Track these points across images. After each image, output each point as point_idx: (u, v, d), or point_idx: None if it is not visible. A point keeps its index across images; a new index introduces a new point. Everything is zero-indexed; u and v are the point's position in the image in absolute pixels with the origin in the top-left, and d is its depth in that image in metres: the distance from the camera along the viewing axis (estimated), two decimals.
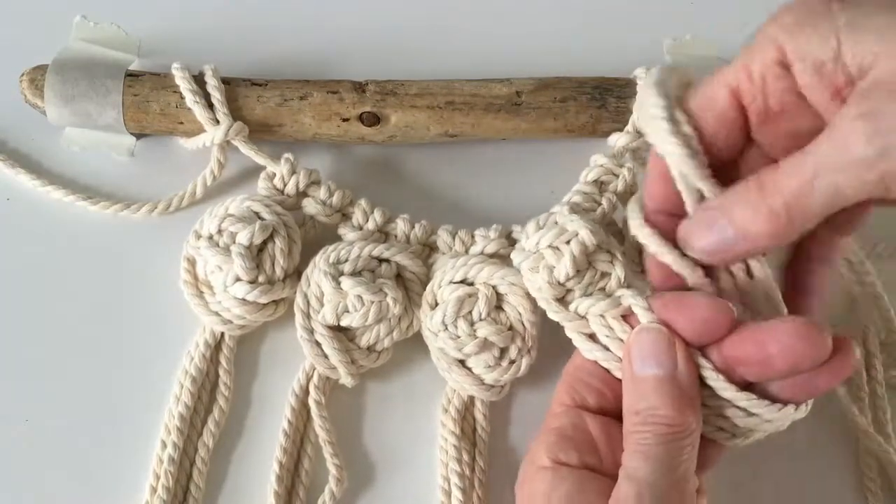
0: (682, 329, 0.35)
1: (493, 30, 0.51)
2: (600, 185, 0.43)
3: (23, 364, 0.42)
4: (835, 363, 0.34)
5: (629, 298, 0.36)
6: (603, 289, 0.38)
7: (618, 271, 0.38)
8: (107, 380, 0.42)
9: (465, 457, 0.40)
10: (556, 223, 0.38)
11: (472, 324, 0.39)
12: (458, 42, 0.50)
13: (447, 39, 0.50)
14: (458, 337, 0.39)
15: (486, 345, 0.39)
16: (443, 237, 0.43)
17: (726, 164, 0.36)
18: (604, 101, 0.46)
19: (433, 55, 0.49)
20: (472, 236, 0.42)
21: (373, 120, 0.44)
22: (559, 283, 0.37)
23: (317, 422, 0.40)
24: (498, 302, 0.40)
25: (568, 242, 0.37)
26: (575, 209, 0.41)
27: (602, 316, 0.37)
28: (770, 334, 0.34)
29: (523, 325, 0.40)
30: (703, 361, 0.35)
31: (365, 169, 0.47)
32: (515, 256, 0.39)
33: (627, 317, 0.37)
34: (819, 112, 0.33)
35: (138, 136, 0.45)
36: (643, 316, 0.36)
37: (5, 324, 0.42)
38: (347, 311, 0.40)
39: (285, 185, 0.43)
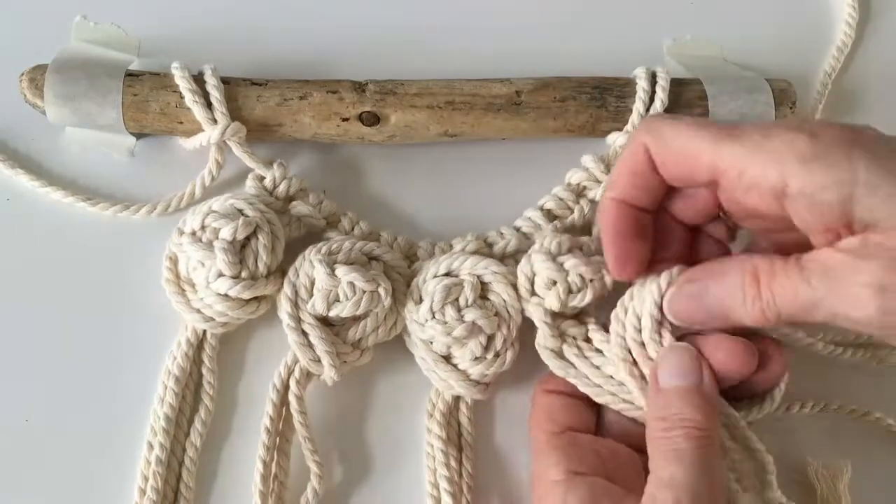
0: (726, 368, 0.37)
1: (493, 30, 0.51)
2: (581, 189, 0.44)
3: (21, 364, 0.42)
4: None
5: (653, 336, 0.38)
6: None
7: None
8: (106, 380, 0.42)
9: (453, 462, 0.40)
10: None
11: (459, 310, 0.40)
12: (458, 42, 0.50)
13: (447, 39, 0.50)
14: (447, 322, 0.39)
15: (474, 330, 0.39)
16: (423, 247, 0.44)
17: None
18: (603, 100, 0.46)
19: (433, 55, 0.49)
20: (451, 245, 0.43)
21: (372, 120, 0.44)
22: (565, 304, 0.40)
23: (296, 417, 0.40)
24: (482, 292, 0.40)
25: (592, 281, 0.40)
26: (548, 216, 0.44)
27: (574, 338, 0.40)
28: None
29: (508, 311, 0.40)
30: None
31: (364, 168, 0.47)
32: (538, 257, 0.40)
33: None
34: (800, 229, 0.33)
35: (138, 136, 0.45)
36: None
37: (4, 324, 0.42)
38: (339, 301, 0.40)
39: (275, 188, 0.43)
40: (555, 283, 0.40)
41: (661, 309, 0.37)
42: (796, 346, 0.43)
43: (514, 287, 0.41)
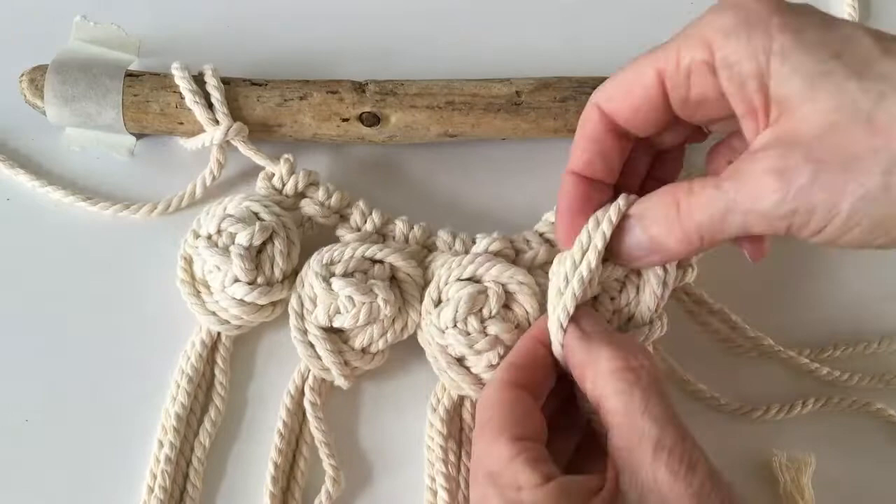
0: None
1: (493, 30, 0.51)
2: None
3: (21, 364, 0.42)
4: None
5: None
6: None
7: None
8: (106, 380, 0.42)
9: (452, 457, 0.40)
10: None
11: (482, 321, 0.39)
12: (459, 42, 0.50)
13: (447, 39, 0.50)
14: (469, 334, 0.39)
15: (495, 342, 0.39)
16: (443, 237, 0.43)
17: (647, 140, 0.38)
18: None
19: (433, 55, 0.49)
20: (473, 240, 0.43)
21: (373, 120, 0.44)
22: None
23: (312, 423, 0.40)
24: (506, 301, 0.40)
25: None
26: None
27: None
28: None
29: (529, 323, 0.40)
30: None
31: (364, 169, 0.47)
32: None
33: None
34: (735, 115, 0.33)
35: (138, 136, 0.45)
36: None
37: (4, 324, 0.42)
38: (339, 313, 0.40)
39: (284, 186, 0.43)
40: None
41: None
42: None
43: (537, 297, 0.40)
